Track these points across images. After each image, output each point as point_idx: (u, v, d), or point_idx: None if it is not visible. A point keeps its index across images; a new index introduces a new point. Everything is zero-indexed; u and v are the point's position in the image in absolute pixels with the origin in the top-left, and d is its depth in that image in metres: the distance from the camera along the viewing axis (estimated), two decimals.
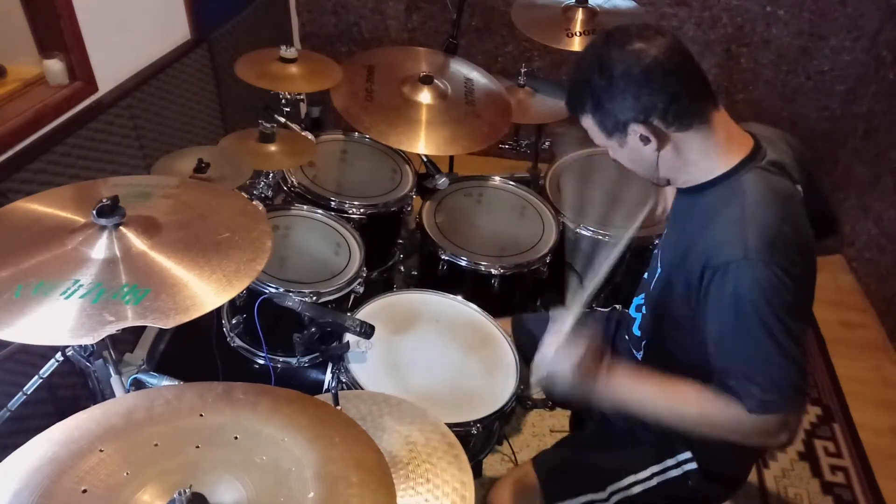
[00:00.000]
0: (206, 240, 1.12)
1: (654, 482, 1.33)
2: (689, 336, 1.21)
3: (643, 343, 1.37)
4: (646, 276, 1.42)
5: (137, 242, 1.07)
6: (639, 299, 1.42)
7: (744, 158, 1.14)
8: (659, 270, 1.25)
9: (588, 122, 1.20)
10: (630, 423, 1.39)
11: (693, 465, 1.31)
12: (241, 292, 1.69)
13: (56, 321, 0.95)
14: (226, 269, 1.07)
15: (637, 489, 1.34)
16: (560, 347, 1.22)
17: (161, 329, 1.89)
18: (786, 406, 1.08)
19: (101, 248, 1.05)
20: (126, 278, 1.02)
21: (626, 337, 1.45)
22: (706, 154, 1.15)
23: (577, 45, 2.19)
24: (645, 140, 1.14)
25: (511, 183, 2.26)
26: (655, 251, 1.38)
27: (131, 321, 0.96)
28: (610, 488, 1.34)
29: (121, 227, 1.07)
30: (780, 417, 1.08)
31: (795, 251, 1.08)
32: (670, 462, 1.33)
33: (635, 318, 1.40)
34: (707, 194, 1.16)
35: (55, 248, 1.04)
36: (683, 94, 1.11)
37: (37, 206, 1.15)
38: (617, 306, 1.68)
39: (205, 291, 1.03)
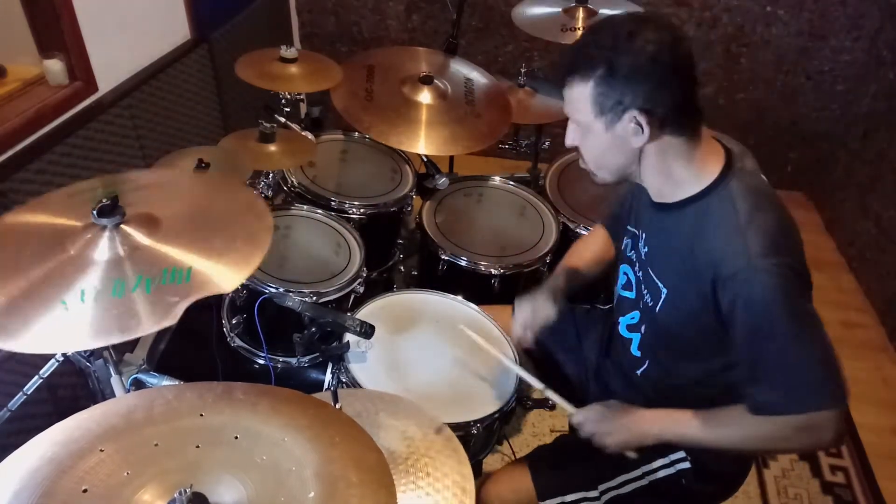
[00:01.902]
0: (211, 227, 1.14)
1: (645, 481, 1.34)
2: (696, 352, 1.23)
3: (646, 362, 1.36)
4: (623, 292, 1.40)
5: (142, 239, 1.07)
6: (629, 319, 1.39)
7: (722, 168, 1.15)
8: (664, 291, 1.22)
9: (581, 92, 1.12)
10: None
11: (686, 465, 1.31)
12: (242, 292, 1.70)
13: (127, 315, 0.96)
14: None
15: (628, 488, 1.34)
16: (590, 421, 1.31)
17: (161, 329, 1.89)
18: (820, 402, 1.08)
19: (104, 248, 1.05)
20: (163, 264, 1.04)
21: (622, 357, 1.42)
22: (688, 166, 1.15)
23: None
24: (637, 129, 1.11)
25: (511, 183, 2.26)
26: (631, 269, 1.36)
27: (195, 295, 0.99)
28: (602, 486, 1.34)
29: (122, 226, 1.07)
30: (823, 414, 1.08)
31: (794, 247, 1.10)
32: (663, 461, 1.33)
33: (631, 339, 1.38)
34: (692, 207, 1.15)
35: (62, 253, 1.04)
36: (690, 100, 1.10)
37: (23, 218, 1.14)
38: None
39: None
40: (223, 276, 1.03)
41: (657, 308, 1.25)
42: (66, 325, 0.94)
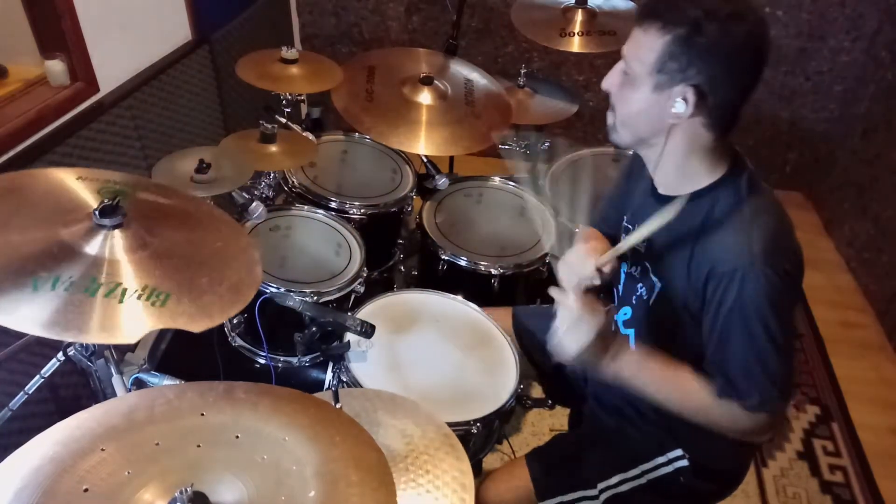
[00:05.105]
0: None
1: (643, 480, 1.34)
2: (686, 345, 1.22)
3: None
4: (621, 290, 1.40)
5: (133, 251, 1.07)
6: (622, 315, 1.39)
7: (730, 167, 1.15)
8: (658, 285, 1.23)
9: (653, 40, 1.05)
10: (622, 421, 1.40)
11: (684, 463, 1.32)
12: None
13: (84, 317, 0.95)
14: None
15: (626, 486, 1.34)
16: (576, 321, 1.12)
17: (162, 328, 1.89)
18: (777, 405, 1.12)
19: (96, 246, 1.05)
20: (144, 281, 1.03)
21: None
22: (703, 161, 1.15)
23: (575, 45, 2.20)
24: (681, 105, 1.06)
25: (511, 183, 2.27)
26: (626, 264, 1.35)
27: (162, 324, 0.98)
28: (600, 485, 1.35)
29: (117, 231, 1.07)
30: (771, 416, 1.13)
31: (792, 252, 1.12)
32: (661, 460, 1.34)
33: (627, 335, 1.38)
34: (698, 203, 1.15)
35: (54, 230, 1.04)
36: (740, 105, 1.09)
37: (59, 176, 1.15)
38: (614, 305, 1.68)
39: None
40: (196, 314, 1.01)
41: (650, 301, 1.25)
42: (27, 306, 0.93)
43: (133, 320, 0.97)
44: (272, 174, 1.96)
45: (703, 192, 1.15)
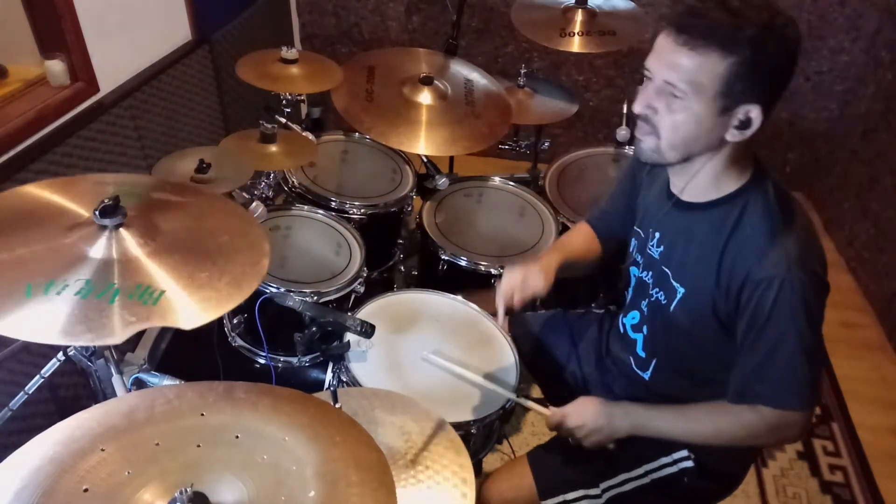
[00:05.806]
0: (207, 247, 1.11)
1: (647, 479, 1.34)
2: (710, 350, 1.23)
3: (653, 362, 1.36)
4: (630, 293, 1.40)
5: (134, 248, 1.05)
6: (631, 319, 1.39)
7: (755, 170, 1.15)
8: (681, 291, 1.22)
9: (713, 64, 0.99)
10: None
11: (689, 463, 1.32)
12: None
13: (74, 321, 0.93)
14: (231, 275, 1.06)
15: (629, 486, 1.34)
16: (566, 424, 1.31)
17: (162, 328, 1.89)
18: (803, 403, 1.14)
19: (100, 248, 1.03)
20: (139, 279, 1.00)
21: (627, 358, 1.42)
22: (735, 167, 1.14)
23: (575, 45, 2.19)
24: (745, 123, 1.04)
25: (511, 183, 2.27)
26: (637, 269, 1.35)
27: (153, 322, 0.95)
28: (603, 485, 1.35)
29: (121, 229, 1.06)
30: (796, 415, 1.14)
31: (821, 255, 1.14)
32: (666, 460, 1.33)
33: (636, 339, 1.38)
34: (725, 207, 1.15)
35: (56, 239, 1.02)
36: (779, 100, 1.07)
37: (40, 193, 1.13)
38: (611, 307, 1.68)
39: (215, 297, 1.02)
40: (190, 310, 0.99)
41: (671, 307, 1.24)
42: (29, 313, 0.91)
43: (122, 320, 0.94)
44: (272, 174, 1.96)
45: (731, 197, 1.15)
